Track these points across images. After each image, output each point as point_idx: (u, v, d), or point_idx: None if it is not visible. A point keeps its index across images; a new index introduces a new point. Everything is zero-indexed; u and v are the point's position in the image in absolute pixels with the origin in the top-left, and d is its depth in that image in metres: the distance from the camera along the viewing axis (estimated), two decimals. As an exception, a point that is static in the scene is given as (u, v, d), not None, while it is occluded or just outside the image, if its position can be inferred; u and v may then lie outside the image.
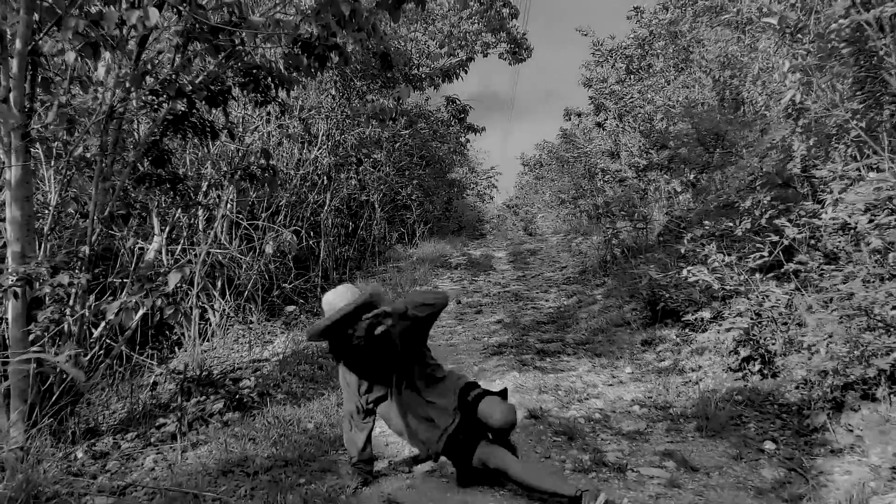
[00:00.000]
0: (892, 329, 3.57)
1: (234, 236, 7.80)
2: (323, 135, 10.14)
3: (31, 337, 3.74)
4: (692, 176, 7.85)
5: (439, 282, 11.32)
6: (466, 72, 11.56)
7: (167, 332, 6.34)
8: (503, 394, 3.49)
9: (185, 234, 6.40)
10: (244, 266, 7.59)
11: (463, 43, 11.58)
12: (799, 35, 5.63)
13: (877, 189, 4.01)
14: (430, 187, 16.08)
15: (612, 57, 15.06)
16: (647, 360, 5.84)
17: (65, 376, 4.12)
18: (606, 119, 14.78)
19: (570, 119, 17.73)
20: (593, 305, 8.02)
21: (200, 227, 7.45)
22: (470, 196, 30.35)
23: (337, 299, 3.36)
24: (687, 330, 5.89)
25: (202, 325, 6.90)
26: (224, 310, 7.23)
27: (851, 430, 3.75)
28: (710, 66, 7.84)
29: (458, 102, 13.97)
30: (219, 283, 7.34)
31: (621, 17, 14.44)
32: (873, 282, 4.15)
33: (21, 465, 3.47)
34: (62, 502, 3.16)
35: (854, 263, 4.28)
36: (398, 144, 13.67)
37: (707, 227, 5.37)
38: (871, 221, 4.21)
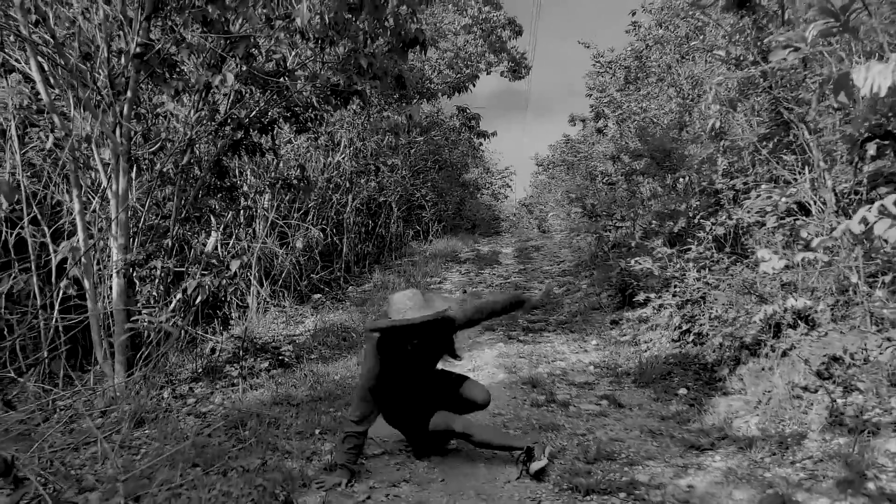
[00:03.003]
0: (766, 300, 4.80)
1: (268, 233, 9.15)
2: (345, 142, 11.48)
3: (139, 306, 5.09)
4: (670, 180, 9.05)
5: (449, 274, 12.62)
6: (474, 85, 12.85)
7: (217, 312, 7.70)
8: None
9: (234, 231, 7.74)
10: (279, 258, 8.93)
11: (469, 63, 12.88)
12: (740, 65, 6.86)
13: (768, 197, 5.24)
14: (443, 189, 17.37)
15: (611, 68, 16.22)
16: (612, 336, 7.10)
17: (150, 339, 5.49)
18: (606, 125, 15.95)
19: (574, 124, 18.93)
20: (578, 293, 9.29)
21: (242, 224, 8.83)
22: (485, 195, 31.56)
23: (406, 302, 3.58)
24: (640, 310, 7.13)
25: (244, 308, 8.26)
26: (261, 294, 8.59)
27: (741, 379, 4.99)
28: (681, 85, 9.05)
29: (468, 111, 15.26)
30: (256, 273, 8.68)
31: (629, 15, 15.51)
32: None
33: (128, 398, 4.83)
34: (164, 419, 4.49)
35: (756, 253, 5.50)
36: (413, 150, 14.96)
37: (655, 226, 6.61)
38: (778, 220, 5.45)
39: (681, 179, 6.72)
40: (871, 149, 3.80)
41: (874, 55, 3.84)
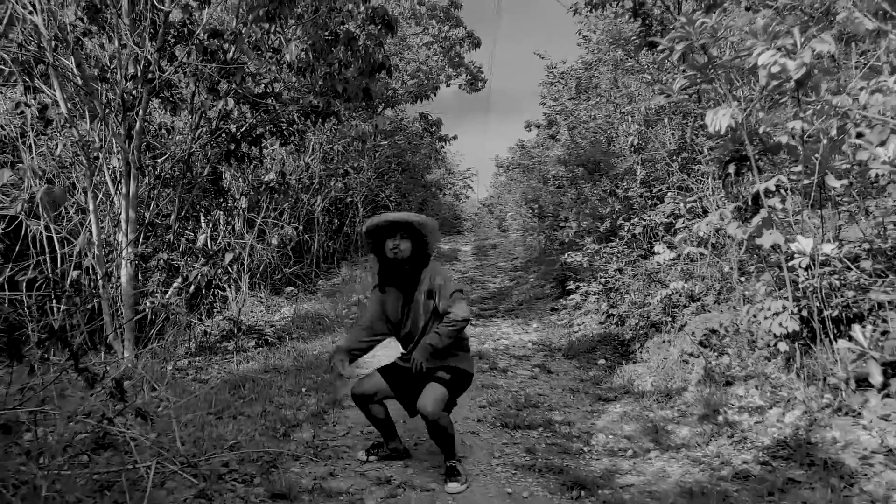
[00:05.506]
0: (664, 286, 5.96)
1: (249, 231, 10.06)
2: (315, 146, 12.42)
3: (149, 290, 6.02)
4: (612, 185, 10.22)
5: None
6: (435, 95, 13.94)
7: (204, 301, 8.61)
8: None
9: (219, 228, 8.66)
10: (256, 254, 9.85)
11: (429, 76, 13.96)
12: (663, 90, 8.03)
13: (673, 204, 6.40)
14: (406, 190, 18.39)
15: (563, 78, 17.41)
16: (551, 320, 8.23)
17: (155, 319, 6.43)
18: (559, 132, 17.15)
19: (530, 130, 20.11)
20: (526, 285, 10.43)
21: (222, 222, 9.73)
22: (447, 196, 32.67)
23: (392, 214, 3.82)
24: (572, 297, 8.28)
25: (225, 298, 9.17)
26: (240, 286, 9.51)
27: (648, 350, 6.14)
28: (617, 100, 10.23)
29: (429, 118, 16.32)
30: (246, 265, 9.60)
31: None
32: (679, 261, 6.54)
33: (137, 369, 5.76)
34: (173, 383, 5.44)
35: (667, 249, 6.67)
36: (378, 153, 15.96)
37: (585, 226, 7.76)
38: (685, 221, 6.61)
39: (619, 185, 7.87)
40: (731, 168, 4.94)
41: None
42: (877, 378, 3.73)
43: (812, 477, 3.45)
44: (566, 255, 7.38)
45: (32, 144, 6.41)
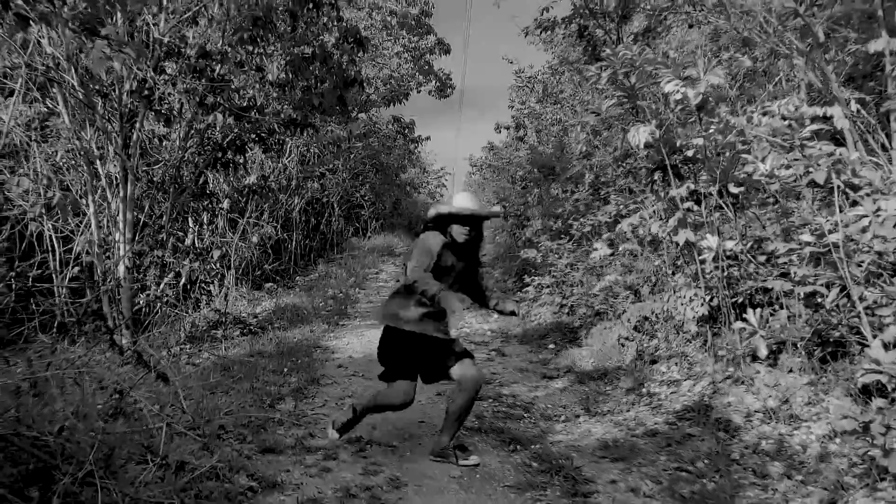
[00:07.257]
0: (602, 278, 6.74)
1: (232, 230, 10.70)
2: (292, 148, 13.08)
3: (147, 284, 6.67)
4: (570, 187, 11.03)
5: (385, 266, 14.36)
6: (407, 99, 14.67)
7: (191, 294, 9.25)
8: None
9: (206, 227, 9.31)
10: (238, 251, 10.49)
11: (401, 83, 14.68)
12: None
13: (616, 205, 7.18)
14: (381, 190, 19.10)
15: (531, 82, 18.23)
16: (511, 311, 8.98)
17: (151, 311, 7.08)
18: (526, 134, 17.96)
19: (500, 132, 20.91)
20: (490, 280, 11.19)
21: (205, 222, 10.36)
22: (422, 194, 33.36)
23: (467, 201, 4.07)
24: (527, 289, 9.06)
25: (209, 293, 9.80)
26: (228, 280, 10.15)
27: (592, 336, 6.92)
28: (576, 107, 11.02)
29: (402, 121, 17.03)
30: (234, 261, 10.22)
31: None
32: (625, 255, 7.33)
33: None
34: (170, 362, 6.10)
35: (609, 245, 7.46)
36: (353, 155, 16.64)
37: (542, 224, 8.54)
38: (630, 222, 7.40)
39: (574, 188, 8.67)
40: (657, 175, 5.71)
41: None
42: (762, 352, 4.53)
43: (705, 432, 4.24)
44: (523, 251, 8.15)
45: (36, 153, 7.02)
